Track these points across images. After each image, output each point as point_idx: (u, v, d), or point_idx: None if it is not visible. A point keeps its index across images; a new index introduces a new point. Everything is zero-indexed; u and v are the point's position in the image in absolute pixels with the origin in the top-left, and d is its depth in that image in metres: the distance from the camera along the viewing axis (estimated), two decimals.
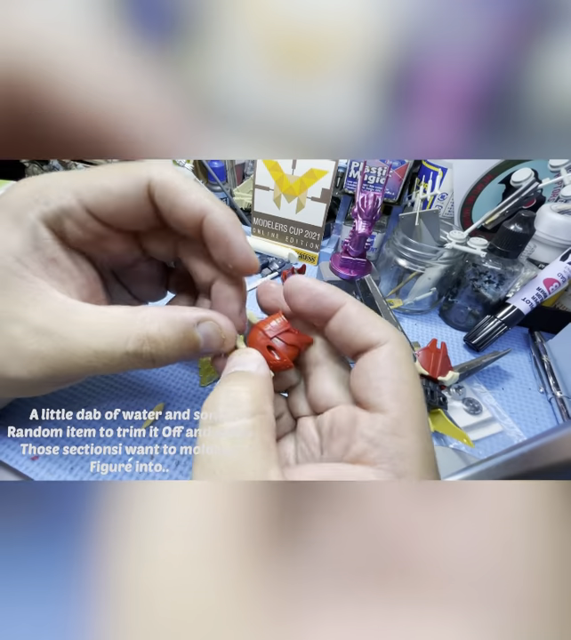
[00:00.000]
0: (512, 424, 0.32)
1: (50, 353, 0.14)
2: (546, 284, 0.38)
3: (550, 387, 0.35)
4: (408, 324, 0.45)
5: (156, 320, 0.15)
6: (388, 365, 0.14)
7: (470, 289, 0.41)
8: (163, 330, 0.15)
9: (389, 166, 0.47)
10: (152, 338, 0.15)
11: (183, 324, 0.15)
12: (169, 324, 0.15)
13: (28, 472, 0.24)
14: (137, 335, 0.15)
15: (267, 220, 0.56)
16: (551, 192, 0.43)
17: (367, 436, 0.13)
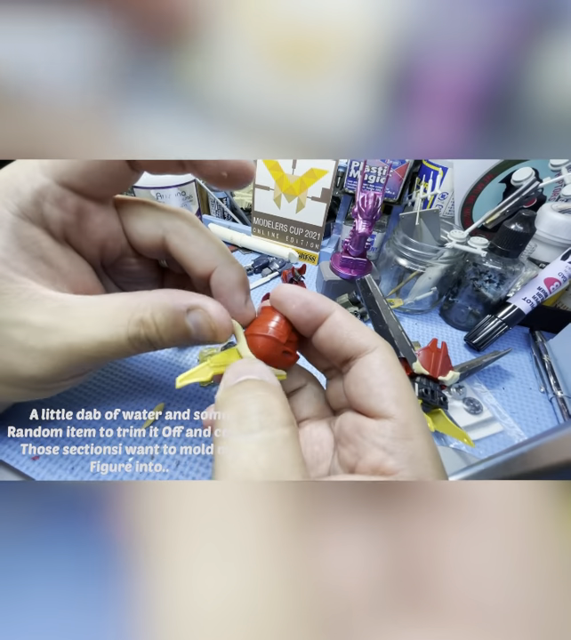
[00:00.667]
0: (513, 424, 0.32)
1: (59, 349, 0.15)
2: (547, 283, 0.38)
3: (551, 386, 0.35)
4: (409, 323, 0.44)
5: (150, 306, 0.15)
6: (385, 372, 0.14)
7: (471, 288, 0.41)
8: (155, 315, 0.15)
9: (389, 166, 0.47)
10: (146, 323, 0.15)
11: (173, 311, 0.15)
12: (161, 310, 0.15)
13: (29, 472, 0.24)
14: (135, 321, 0.15)
15: (267, 220, 0.56)
16: (552, 191, 0.43)
17: (380, 444, 0.13)
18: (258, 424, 0.12)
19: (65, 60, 0.12)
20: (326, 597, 0.08)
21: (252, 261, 0.53)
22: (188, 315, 0.16)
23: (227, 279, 0.18)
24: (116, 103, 0.13)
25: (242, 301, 0.18)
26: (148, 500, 0.10)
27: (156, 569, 0.09)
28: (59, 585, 0.09)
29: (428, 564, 0.09)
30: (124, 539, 0.09)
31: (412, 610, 0.08)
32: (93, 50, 0.12)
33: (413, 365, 0.30)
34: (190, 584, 0.08)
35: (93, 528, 0.09)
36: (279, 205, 0.53)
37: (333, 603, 0.08)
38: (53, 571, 0.09)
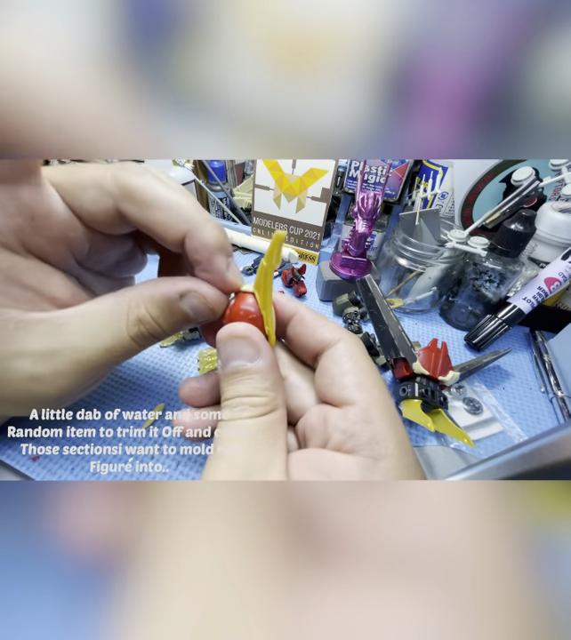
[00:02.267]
0: (513, 424, 0.32)
1: (70, 368, 0.15)
2: (547, 283, 0.38)
3: (552, 386, 0.35)
4: (409, 323, 0.44)
5: (141, 302, 0.15)
6: (346, 361, 0.14)
7: (471, 288, 0.41)
8: (149, 309, 0.15)
9: (389, 165, 0.47)
10: (143, 319, 0.15)
11: (165, 301, 0.15)
12: (153, 303, 0.15)
13: (29, 472, 0.24)
14: (132, 321, 0.15)
15: (267, 220, 0.56)
16: (552, 191, 0.43)
17: (340, 428, 0.13)
18: (235, 414, 0.13)
19: (68, 53, 0.12)
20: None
21: (252, 261, 0.53)
22: (182, 300, 0.15)
23: (201, 244, 0.15)
24: (115, 103, 0.13)
25: (222, 267, 0.16)
26: (148, 499, 0.10)
27: (153, 570, 0.09)
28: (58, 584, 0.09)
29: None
30: (125, 539, 0.09)
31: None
32: (93, 46, 0.12)
33: (413, 365, 0.30)
34: (184, 586, 0.08)
35: (92, 527, 0.09)
36: (279, 205, 0.53)
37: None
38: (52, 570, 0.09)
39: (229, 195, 0.66)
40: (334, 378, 0.14)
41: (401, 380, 0.31)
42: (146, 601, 0.08)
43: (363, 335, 0.37)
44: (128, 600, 0.08)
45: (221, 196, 0.66)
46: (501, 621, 0.08)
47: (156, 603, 0.08)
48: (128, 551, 0.09)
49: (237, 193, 0.68)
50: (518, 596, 0.08)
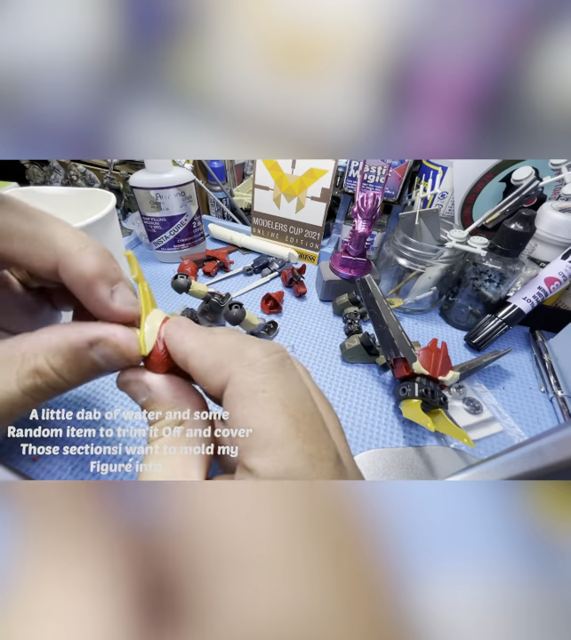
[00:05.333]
0: (513, 423, 0.32)
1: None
2: (547, 282, 0.38)
3: (552, 386, 0.35)
4: (409, 323, 0.44)
5: (40, 352, 0.13)
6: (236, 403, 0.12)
7: (471, 288, 0.41)
8: (51, 360, 0.13)
9: (388, 165, 0.47)
10: (42, 371, 0.13)
11: (73, 350, 0.13)
12: (58, 352, 0.13)
13: (29, 473, 0.24)
14: (25, 372, 0.13)
15: (267, 220, 0.56)
16: (552, 190, 0.43)
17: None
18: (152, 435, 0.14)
19: (67, 54, 0.12)
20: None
21: (252, 261, 0.53)
22: (92, 349, 0.13)
23: (76, 275, 0.14)
24: (114, 102, 0.13)
25: (104, 296, 0.14)
26: (148, 500, 0.10)
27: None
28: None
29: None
30: (125, 539, 0.09)
31: None
32: (93, 44, 0.12)
33: (413, 365, 0.30)
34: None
35: (93, 528, 0.09)
36: (279, 205, 0.53)
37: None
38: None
39: (228, 195, 0.66)
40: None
41: (401, 379, 0.31)
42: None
43: (363, 335, 0.37)
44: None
45: (221, 197, 0.66)
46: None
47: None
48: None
49: (237, 193, 0.68)
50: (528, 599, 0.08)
